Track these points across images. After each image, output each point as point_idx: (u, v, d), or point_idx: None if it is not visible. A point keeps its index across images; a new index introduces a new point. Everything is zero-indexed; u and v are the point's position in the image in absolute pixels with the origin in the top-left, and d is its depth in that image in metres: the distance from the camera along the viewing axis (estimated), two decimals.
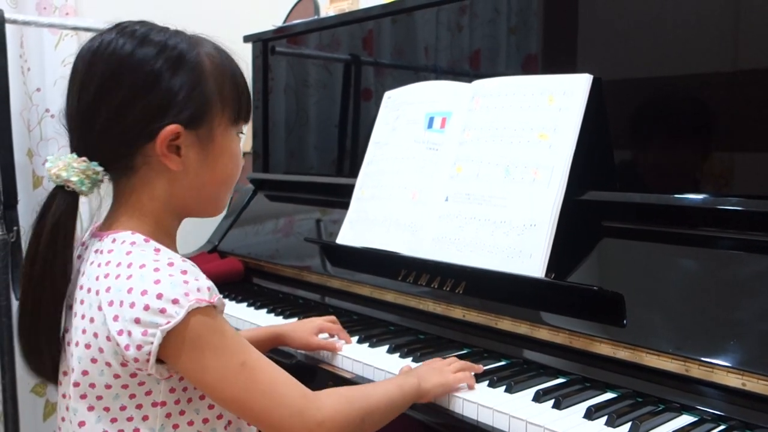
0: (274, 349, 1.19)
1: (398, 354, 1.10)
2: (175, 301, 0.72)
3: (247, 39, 1.87)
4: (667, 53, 1.08)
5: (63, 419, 0.82)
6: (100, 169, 0.78)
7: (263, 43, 1.85)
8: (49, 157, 0.78)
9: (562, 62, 1.23)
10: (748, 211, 0.94)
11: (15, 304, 1.74)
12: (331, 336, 1.16)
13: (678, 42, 1.06)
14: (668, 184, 1.11)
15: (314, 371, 1.12)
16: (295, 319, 1.32)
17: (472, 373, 0.97)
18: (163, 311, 0.72)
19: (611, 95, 1.11)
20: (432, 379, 0.91)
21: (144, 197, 0.80)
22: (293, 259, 1.53)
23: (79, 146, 0.78)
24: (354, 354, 1.11)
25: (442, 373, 0.94)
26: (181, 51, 0.78)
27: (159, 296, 0.72)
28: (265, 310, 1.40)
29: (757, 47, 0.99)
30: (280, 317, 1.35)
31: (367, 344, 1.15)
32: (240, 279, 1.65)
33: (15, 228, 1.66)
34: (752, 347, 0.85)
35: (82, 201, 0.80)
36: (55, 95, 1.96)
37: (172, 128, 0.77)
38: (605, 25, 1.17)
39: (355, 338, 1.17)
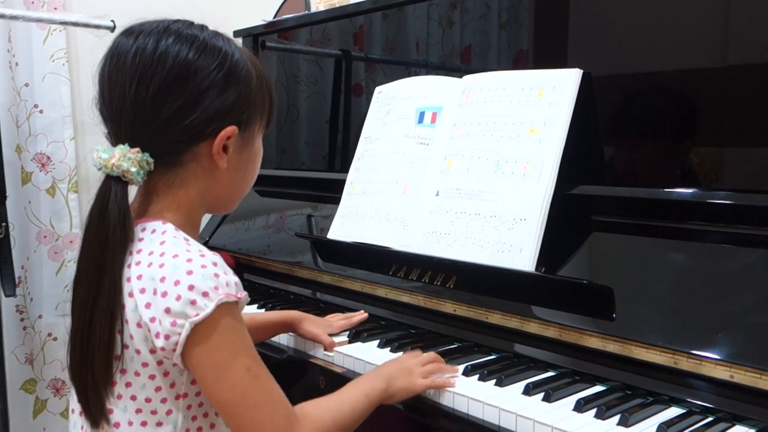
0: (264, 344, 1.19)
1: (389, 348, 1.10)
2: (205, 294, 0.74)
3: (237, 34, 1.86)
4: (656, 49, 1.08)
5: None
6: (152, 160, 0.79)
7: (253, 38, 1.84)
8: (99, 147, 0.79)
9: (552, 58, 1.23)
10: (737, 205, 0.95)
11: (5, 301, 1.73)
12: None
13: (667, 38, 1.07)
14: (657, 179, 1.11)
15: (305, 366, 1.12)
16: None
17: (446, 375, 0.96)
18: (193, 303, 0.74)
19: (601, 90, 1.12)
20: (398, 382, 0.92)
21: (182, 191, 0.82)
22: (284, 254, 1.52)
23: (131, 137, 0.79)
24: (345, 348, 1.11)
25: (410, 375, 0.94)
26: (237, 60, 0.82)
27: (191, 288, 0.74)
28: (257, 305, 1.40)
29: (746, 43, 0.99)
30: None
31: (359, 339, 1.15)
32: None
33: (3, 224, 1.65)
34: (740, 340, 0.85)
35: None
36: (44, 90, 1.95)
37: (231, 129, 0.81)
38: (595, 21, 1.17)
39: (346, 333, 1.17)
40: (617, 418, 0.83)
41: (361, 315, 1.23)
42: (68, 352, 0.79)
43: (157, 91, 0.77)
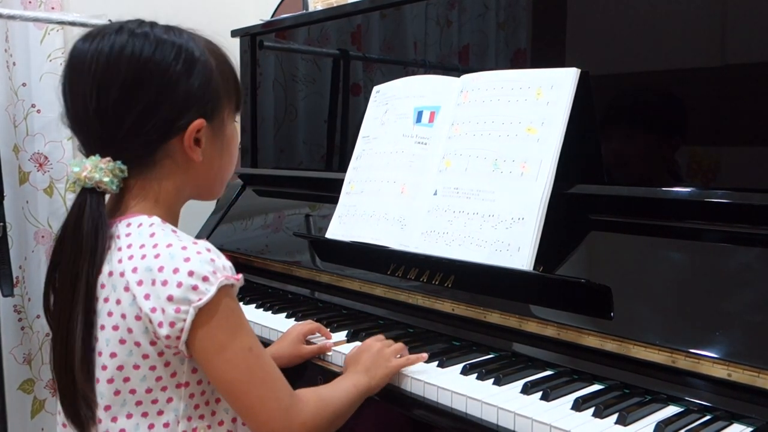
0: (262, 343, 1.18)
1: None
2: (205, 279, 0.76)
3: (235, 33, 1.86)
4: (654, 48, 1.08)
5: None
6: (124, 167, 0.81)
7: (251, 38, 1.84)
8: (71, 161, 0.81)
9: (550, 57, 1.23)
10: (734, 204, 0.95)
11: (2, 301, 1.73)
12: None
13: (665, 37, 1.07)
14: (655, 178, 1.11)
15: (304, 365, 1.12)
16: (283, 315, 1.32)
17: (412, 356, 1.00)
18: (195, 288, 0.75)
19: (599, 89, 1.12)
20: (378, 371, 0.95)
21: (159, 187, 0.84)
22: (282, 254, 1.52)
23: (101, 147, 0.80)
24: (344, 348, 1.10)
25: (383, 359, 0.97)
26: (193, 50, 0.82)
27: (190, 274, 0.75)
28: (254, 305, 1.40)
29: (743, 42, 0.99)
30: (269, 312, 1.35)
31: (357, 338, 1.15)
32: None
33: (1, 224, 1.65)
34: (738, 338, 0.86)
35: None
36: (42, 90, 1.95)
37: (199, 122, 0.82)
38: (593, 20, 1.17)
39: (344, 332, 1.17)
40: (615, 416, 0.83)
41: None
42: (51, 360, 0.82)
43: (118, 96, 0.78)
